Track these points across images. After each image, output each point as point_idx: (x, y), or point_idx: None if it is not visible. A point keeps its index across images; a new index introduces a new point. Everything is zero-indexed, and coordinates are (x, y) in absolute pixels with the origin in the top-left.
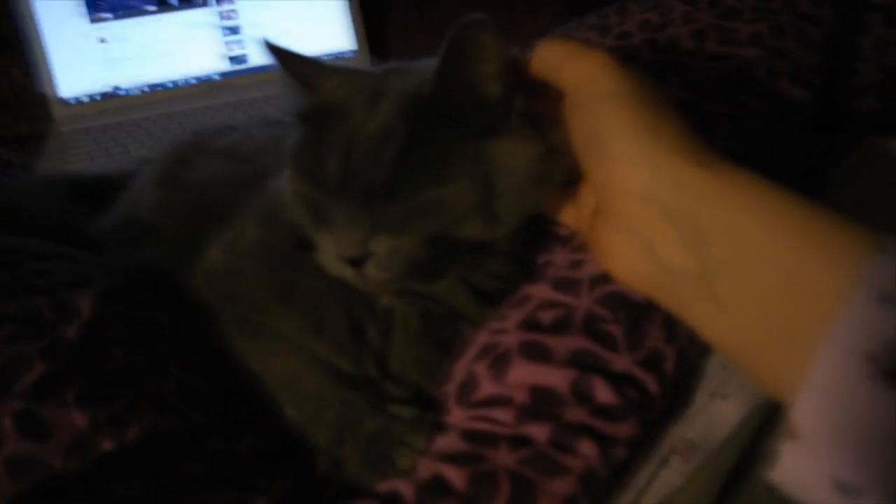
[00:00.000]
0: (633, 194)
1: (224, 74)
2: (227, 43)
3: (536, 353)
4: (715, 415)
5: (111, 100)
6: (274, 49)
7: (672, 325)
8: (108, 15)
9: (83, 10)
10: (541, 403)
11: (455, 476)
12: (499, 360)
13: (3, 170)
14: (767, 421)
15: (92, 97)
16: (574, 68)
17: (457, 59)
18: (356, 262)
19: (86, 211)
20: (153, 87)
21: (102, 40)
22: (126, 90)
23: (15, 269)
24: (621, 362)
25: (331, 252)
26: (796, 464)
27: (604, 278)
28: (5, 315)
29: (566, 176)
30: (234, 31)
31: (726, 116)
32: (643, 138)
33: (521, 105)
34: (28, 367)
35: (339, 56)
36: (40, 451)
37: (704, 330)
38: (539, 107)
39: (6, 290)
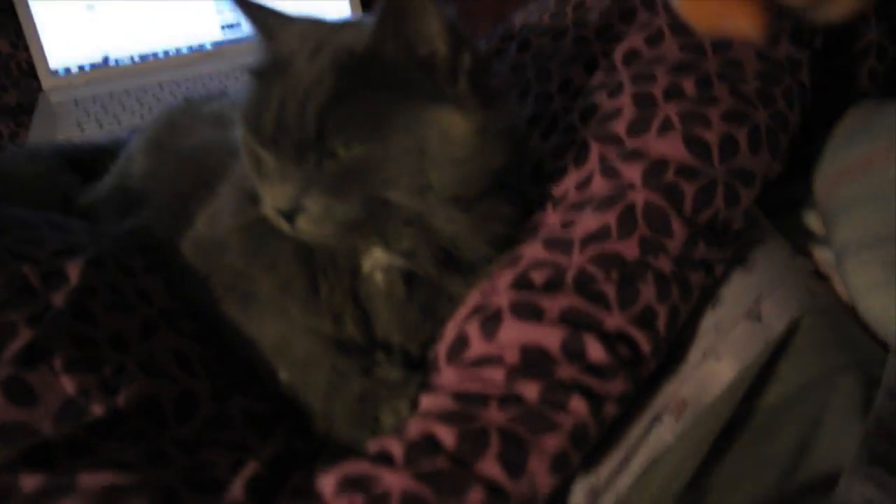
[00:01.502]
0: None
1: (217, 43)
2: (219, 11)
3: (528, 313)
4: (707, 374)
5: (101, 69)
6: None
7: (665, 284)
8: None
9: None
10: (532, 362)
11: (445, 434)
12: (490, 320)
13: None
14: (760, 381)
15: (81, 67)
16: None
17: (394, 17)
18: (289, 216)
19: (76, 181)
20: (144, 56)
21: (91, 8)
22: (116, 60)
23: (2, 237)
24: (613, 321)
25: (268, 204)
26: None
27: (595, 237)
28: None
29: (507, 157)
30: None
31: (725, 77)
32: None
33: (467, 63)
34: (14, 335)
35: None
36: (28, 416)
37: None
38: None
39: None
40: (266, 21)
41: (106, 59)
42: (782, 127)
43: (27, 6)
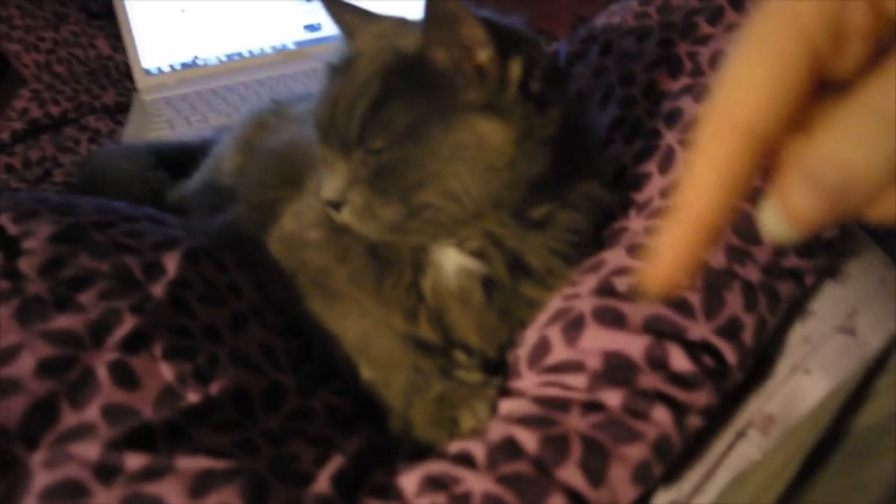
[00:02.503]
0: None
1: (299, 43)
2: (302, 12)
3: (611, 319)
4: (796, 389)
5: (190, 69)
6: None
7: (752, 294)
8: None
9: None
10: (614, 369)
11: (526, 438)
12: (572, 325)
13: (92, 138)
14: (853, 399)
15: (172, 67)
16: None
17: (437, 25)
18: (336, 207)
19: (166, 178)
20: (230, 56)
21: (183, 11)
22: (205, 60)
23: (108, 230)
24: (698, 330)
25: (321, 195)
26: None
27: None
28: (99, 272)
29: (548, 166)
30: None
31: None
32: None
33: (517, 72)
34: (120, 322)
35: None
36: (132, 400)
37: None
38: None
39: (100, 248)
40: (349, 19)
41: (195, 60)
42: None
43: (124, 9)
